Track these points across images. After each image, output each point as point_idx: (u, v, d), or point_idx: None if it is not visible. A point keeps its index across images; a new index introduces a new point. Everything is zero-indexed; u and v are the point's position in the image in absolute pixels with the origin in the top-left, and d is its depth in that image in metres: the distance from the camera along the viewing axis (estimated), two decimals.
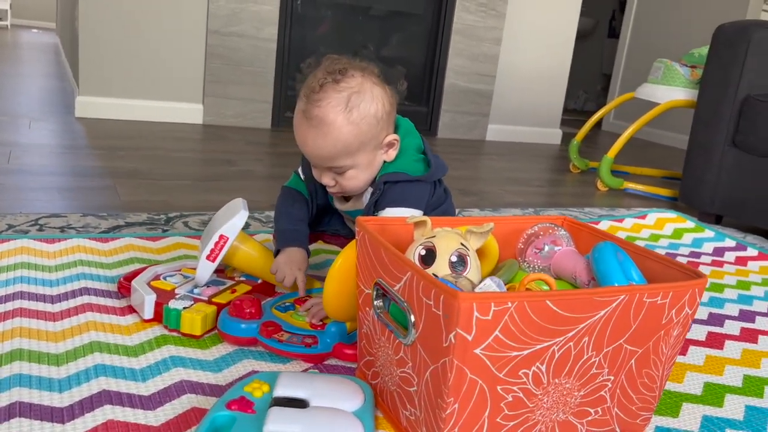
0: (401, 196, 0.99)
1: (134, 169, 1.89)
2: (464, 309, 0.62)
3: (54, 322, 0.90)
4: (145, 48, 2.66)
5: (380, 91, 0.96)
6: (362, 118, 0.93)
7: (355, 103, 0.93)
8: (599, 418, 0.77)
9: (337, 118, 0.92)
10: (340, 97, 0.92)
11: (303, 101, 0.95)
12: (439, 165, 1.04)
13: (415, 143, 1.03)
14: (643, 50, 4.45)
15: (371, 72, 0.97)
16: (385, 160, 1.01)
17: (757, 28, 1.89)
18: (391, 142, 1.00)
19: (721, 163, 1.97)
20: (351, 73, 0.94)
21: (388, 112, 0.97)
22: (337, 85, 0.93)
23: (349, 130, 0.93)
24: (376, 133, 0.96)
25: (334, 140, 0.93)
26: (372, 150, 0.98)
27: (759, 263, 1.62)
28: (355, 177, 0.99)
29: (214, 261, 0.97)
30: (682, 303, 0.75)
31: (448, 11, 3.18)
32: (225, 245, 0.97)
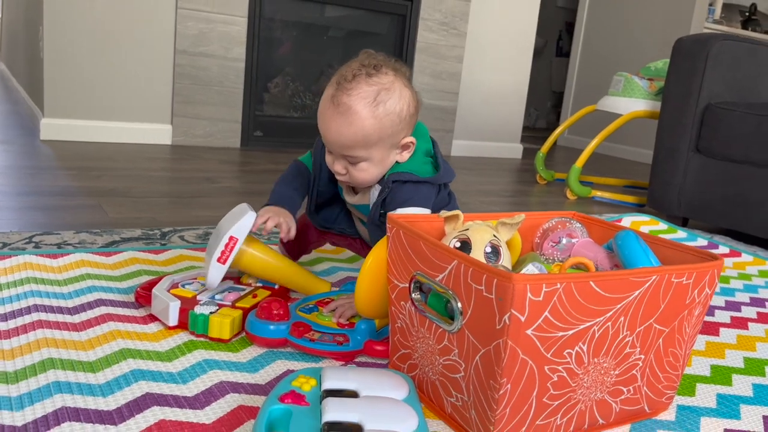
0: (409, 196, 1.01)
1: (113, 188, 1.86)
2: (518, 290, 0.65)
3: (79, 332, 0.89)
4: (111, 69, 2.63)
5: (408, 93, 0.99)
6: (386, 115, 0.96)
7: (383, 98, 0.95)
8: (631, 396, 0.80)
9: (363, 110, 0.95)
10: (370, 90, 0.95)
11: (333, 87, 0.98)
12: (447, 169, 1.07)
13: (425, 147, 1.06)
14: (592, 67, 4.63)
15: (403, 74, 1.00)
16: (398, 160, 1.03)
17: (715, 41, 2.01)
18: (407, 145, 1.02)
19: (686, 169, 2.07)
20: (384, 71, 0.97)
21: (411, 114, 1.00)
22: (370, 78, 0.96)
23: (372, 124, 0.95)
24: (396, 131, 0.98)
25: (356, 130, 0.95)
26: (388, 147, 1.00)
27: (732, 260, 1.71)
28: (366, 170, 1.00)
29: (224, 263, 0.97)
30: (703, 284, 0.79)
31: (411, 30, 3.26)
32: (235, 246, 0.97)
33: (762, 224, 1.87)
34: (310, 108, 3.23)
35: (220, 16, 2.77)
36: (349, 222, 1.18)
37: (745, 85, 2.11)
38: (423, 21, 3.25)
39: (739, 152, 1.92)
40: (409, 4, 3.22)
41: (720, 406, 0.88)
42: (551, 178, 2.91)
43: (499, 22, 3.53)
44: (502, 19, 3.54)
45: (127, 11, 2.61)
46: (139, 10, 2.63)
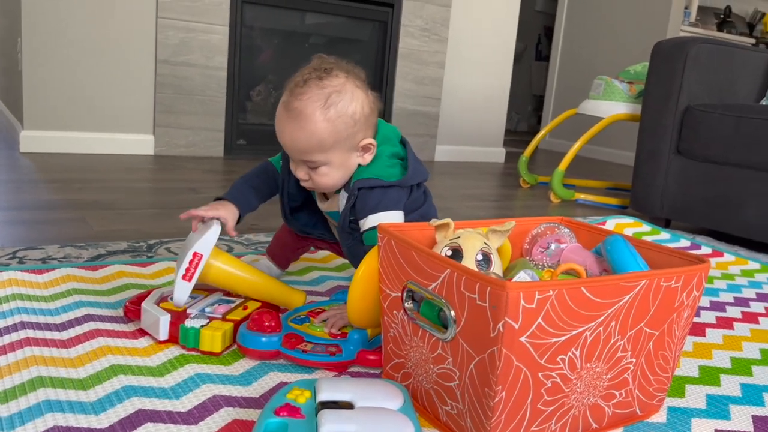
0: (378, 201, 1.00)
1: (97, 200, 1.85)
2: (512, 298, 0.65)
3: (68, 349, 0.88)
4: (92, 80, 2.61)
5: (361, 94, 0.98)
6: (338, 117, 0.95)
7: (334, 101, 0.95)
8: (623, 400, 0.81)
9: (314, 113, 0.94)
10: (320, 94, 0.95)
11: (287, 94, 0.98)
12: (417, 171, 1.05)
13: (391, 150, 1.04)
14: (572, 71, 4.68)
15: (356, 75, 1.00)
16: (360, 163, 1.02)
17: (693, 44, 2.04)
18: (367, 146, 1.01)
19: (667, 170, 2.10)
20: (336, 73, 0.97)
21: (366, 115, 0.99)
22: (321, 81, 0.95)
23: (325, 127, 0.95)
24: (351, 133, 0.98)
25: (309, 134, 0.95)
26: (347, 150, 0.99)
27: (715, 260, 1.73)
28: (327, 174, 1.00)
29: (190, 280, 0.95)
30: (691, 286, 0.80)
31: (393, 37, 3.27)
32: (200, 263, 0.96)
33: (742, 224, 1.90)
34: None
35: (201, 25, 2.76)
36: (327, 227, 1.17)
37: (723, 86, 2.15)
38: (404, 27, 3.26)
39: (719, 153, 1.95)
40: (390, 10, 3.23)
41: (710, 407, 0.90)
42: (534, 182, 2.93)
43: (480, 28, 3.56)
44: (482, 24, 3.56)
45: (107, 22, 2.59)
46: (119, 21, 2.61)
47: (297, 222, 1.17)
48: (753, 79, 2.21)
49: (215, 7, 2.77)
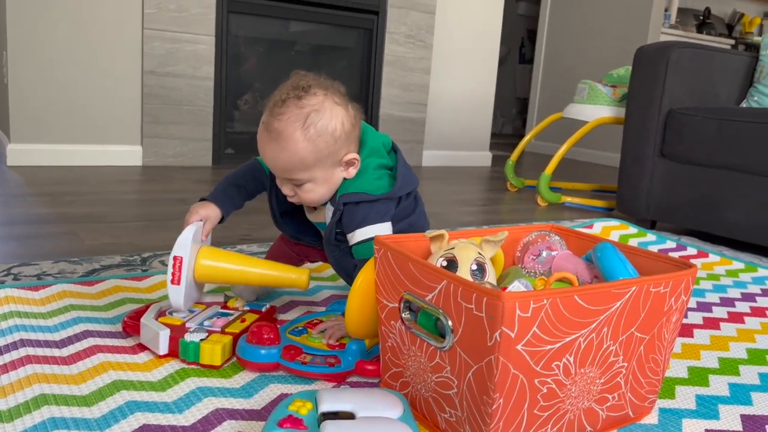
0: (364, 215, 1.01)
1: (88, 213, 1.85)
2: (508, 308, 0.67)
3: (69, 366, 0.89)
4: (79, 92, 2.60)
5: (341, 111, 0.99)
6: (318, 136, 0.96)
7: (313, 120, 0.96)
8: (616, 403, 0.83)
9: (294, 134, 0.95)
10: (299, 114, 0.96)
11: (267, 114, 0.99)
12: (406, 181, 1.05)
13: (378, 161, 1.05)
14: (556, 74, 4.73)
15: (335, 91, 1.00)
16: (345, 177, 1.03)
17: (675, 48, 2.08)
18: (351, 161, 1.02)
19: (652, 173, 2.14)
20: (314, 91, 0.97)
21: (347, 131, 1.00)
22: (299, 101, 0.96)
23: (305, 146, 0.96)
24: (333, 150, 0.99)
25: (290, 154, 0.97)
26: (330, 167, 1.00)
27: (700, 260, 1.77)
28: (312, 190, 1.02)
29: (178, 283, 0.97)
30: (679, 291, 0.83)
31: (378, 44, 3.29)
32: (182, 265, 0.97)
33: (726, 225, 1.93)
34: None
35: (187, 35, 2.76)
36: (318, 234, 1.18)
37: (705, 89, 2.19)
38: (390, 34, 3.29)
39: (702, 156, 1.99)
40: (375, 18, 3.25)
41: (699, 407, 0.92)
42: (521, 186, 2.96)
43: (464, 33, 3.59)
44: (466, 29, 3.60)
45: (92, 34, 2.59)
46: (105, 32, 2.61)
47: (287, 227, 1.18)
48: (733, 81, 2.25)
49: (201, 18, 2.78)
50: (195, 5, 2.75)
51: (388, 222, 1.03)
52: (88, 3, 2.56)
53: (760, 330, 1.26)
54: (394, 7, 3.27)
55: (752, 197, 1.87)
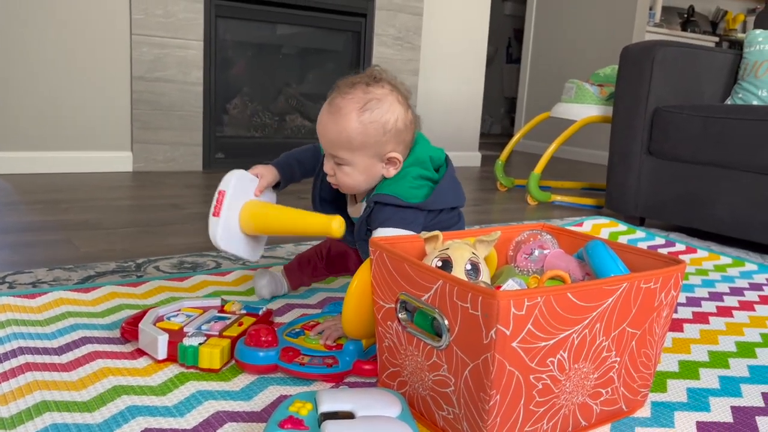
0: (388, 217, 1.03)
1: (81, 220, 1.85)
2: (503, 306, 0.69)
3: (68, 373, 0.89)
4: (68, 99, 2.60)
5: (400, 109, 1.03)
6: (371, 122, 1.01)
7: (372, 107, 1.01)
8: (609, 397, 0.85)
9: (351, 113, 1.01)
10: (362, 98, 1.02)
11: (335, 91, 1.05)
12: (443, 197, 1.07)
13: (419, 172, 1.07)
14: (543, 73, 4.76)
15: (400, 91, 1.06)
16: (384, 175, 1.06)
17: (660, 48, 2.11)
18: (393, 160, 1.05)
19: (640, 170, 2.16)
20: (383, 84, 1.04)
21: (399, 129, 1.03)
22: (367, 87, 1.03)
23: (356, 127, 1.01)
24: (380, 141, 1.02)
25: (341, 129, 1.02)
26: (372, 156, 1.04)
27: (688, 256, 1.79)
28: (350, 175, 1.05)
29: (217, 215, 1.06)
30: (669, 287, 0.85)
31: (367, 46, 3.30)
32: (223, 199, 1.06)
33: (713, 220, 1.96)
34: (270, 127, 3.24)
35: (176, 40, 2.77)
36: (351, 231, 1.19)
37: (690, 87, 2.22)
38: (378, 36, 3.30)
39: (688, 153, 2.02)
40: (363, 20, 3.26)
41: (690, 400, 0.94)
42: (511, 185, 2.98)
43: (452, 34, 3.61)
44: (454, 30, 3.62)
45: (80, 40, 2.59)
46: (92, 39, 2.61)
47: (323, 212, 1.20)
48: (717, 79, 2.28)
49: (189, 23, 2.78)
50: (183, 10, 2.76)
51: (413, 232, 1.03)
52: (75, 10, 2.56)
53: (748, 323, 1.28)
54: (382, 10, 3.29)
55: (737, 193, 1.90)
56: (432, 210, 1.06)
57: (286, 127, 3.31)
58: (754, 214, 1.87)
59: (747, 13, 5.42)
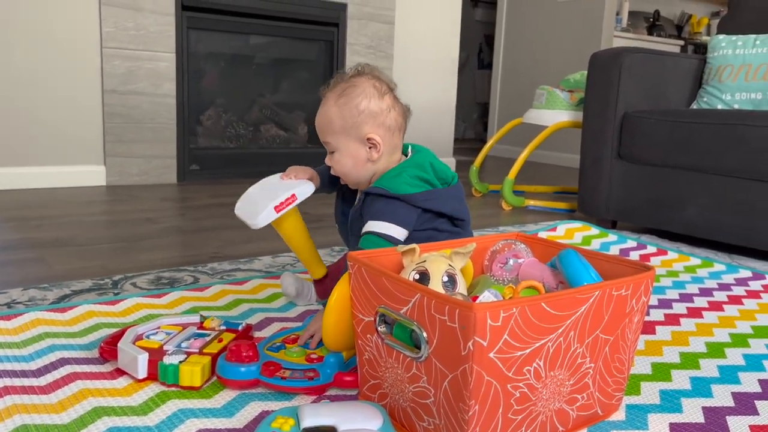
0: (382, 212, 1.07)
1: (55, 238, 1.83)
2: (479, 318, 0.70)
3: (48, 395, 0.89)
4: (38, 114, 2.57)
5: (373, 93, 1.11)
6: (346, 104, 1.10)
7: (348, 92, 1.10)
8: (585, 402, 0.87)
9: (330, 99, 1.12)
10: (341, 86, 1.12)
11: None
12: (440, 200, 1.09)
13: (418, 173, 1.09)
14: (514, 79, 4.82)
15: (379, 80, 1.13)
16: (369, 159, 1.11)
17: (627, 54, 2.16)
18: (373, 141, 1.10)
19: (611, 175, 2.21)
20: (362, 75, 1.13)
21: (373, 111, 1.10)
22: (349, 79, 1.13)
23: (335, 111, 1.11)
24: (356, 122, 1.09)
25: (323, 115, 1.13)
26: (353, 139, 1.11)
27: (659, 258, 1.84)
28: (339, 161, 1.13)
29: (279, 212, 1.13)
30: (639, 293, 0.87)
31: (340, 55, 3.32)
32: (292, 203, 1.14)
33: (683, 222, 2.01)
34: (244, 137, 3.23)
35: (147, 53, 2.75)
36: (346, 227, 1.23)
37: (657, 92, 2.27)
38: (350, 45, 3.32)
39: (657, 157, 2.06)
40: (335, 30, 3.28)
41: (663, 402, 0.97)
42: (486, 191, 3.02)
43: (424, 41, 3.65)
44: (425, 38, 3.65)
45: (50, 55, 2.56)
46: (62, 53, 2.59)
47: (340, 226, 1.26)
48: (683, 84, 2.34)
49: (160, 35, 2.77)
50: (154, 23, 2.75)
51: (403, 229, 1.06)
52: (44, 24, 2.53)
53: (717, 324, 1.32)
54: (354, 19, 3.31)
55: (705, 195, 1.95)
56: (427, 211, 1.08)
57: (261, 137, 3.31)
58: (721, 215, 1.92)
59: (711, 17, 5.55)
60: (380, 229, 1.04)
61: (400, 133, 1.15)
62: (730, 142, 1.88)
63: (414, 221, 1.07)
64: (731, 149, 1.88)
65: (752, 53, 2.19)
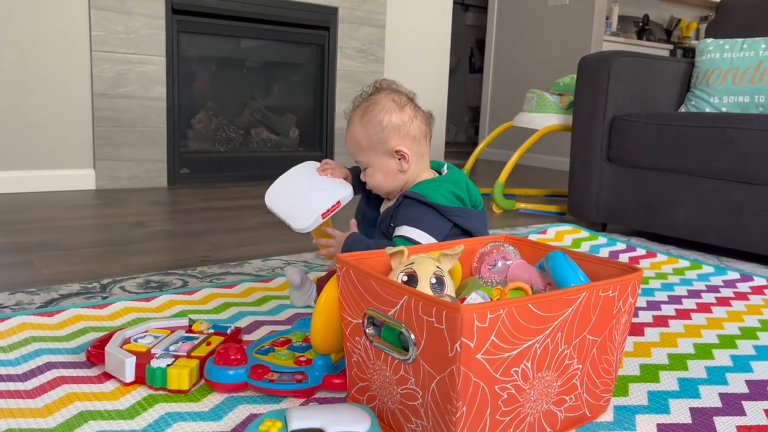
0: (417, 219, 1.10)
1: (42, 241, 1.82)
2: (467, 320, 0.70)
3: (34, 399, 0.88)
4: (27, 117, 2.56)
5: (394, 107, 1.15)
6: (369, 122, 1.15)
7: (369, 110, 1.16)
8: (573, 404, 0.87)
9: (354, 119, 1.18)
10: (363, 107, 1.17)
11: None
12: (472, 219, 1.13)
13: (454, 189, 1.14)
14: (505, 82, 4.84)
15: (398, 93, 1.17)
16: (399, 170, 1.16)
17: (615, 58, 2.17)
18: (401, 152, 1.14)
19: (600, 177, 2.22)
20: (381, 91, 1.18)
21: (395, 125, 1.14)
22: (369, 98, 1.18)
23: (360, 130, 1.16)
24: (383, 137, 1.14)
25: (351, 137, 1.18)
26: (382, 154, 1.16)
27: (649, 260, 1.84)
28: (372, 175, 1.18)
29: (324, 218, 1.18)
30: (627, 294, 0.88)
31: (331, 59, 3.32)
32: (337, 209, 1.20)
33: (671, 224, 2.02)
34: (235, 141, 3.23)
35: (137, 56, 2.75)
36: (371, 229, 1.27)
37: (645, 96, 2.29)
38: (341, 49, 3.32)
39: (645, 160, 2.08)
40: (326, 33, 3.28)
41: (651, 403, 0.97)
42: None
43: (414, 45, 3.66)
44: (416, 41, 3.66)
45: (39, 58, 2.55)
46: (51, 56, 2.58)
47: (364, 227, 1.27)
48: (671, 87, 2.36)
49: (151, 38, 2.77)
50: (144, 26, 2.74)
51: (435, 240, 1.09)
52: (33, 28, 2.52)
53: (705, 325, 1.32)
54: (345, 23, 3.31)
55: (693, 198, 1.96)
56: (455, 227, 1.12)
57: (252, 140, 3.31)
58: (709, 217, 1.93)
59: (700, 21, 5.59)
60: (413, 235, 1.08)
61: (426, 140, 1.19)
62: (718, 145, 1.89)
63: (445, 234, 1.10)
64: (719, 152, 1.89)
65: (739, 57, 2.21)
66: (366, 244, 1.11)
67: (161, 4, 2.76)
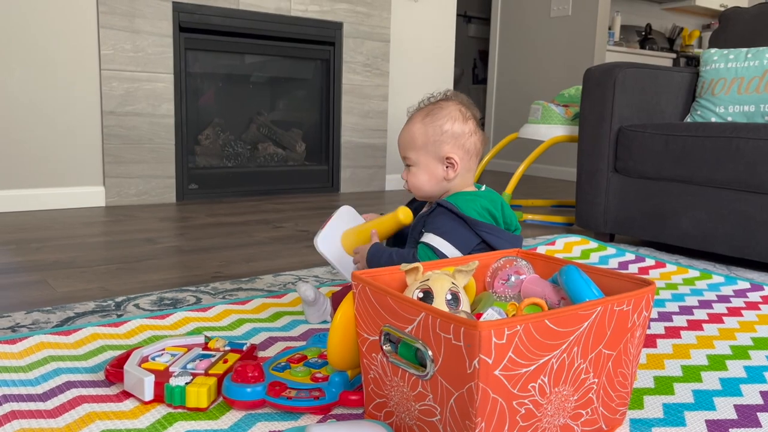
0: (445, 229, 1.12)
1: (56, 260, 1.84)
2: (484, 336, 0.71)
3: (55, 419, 0.89)
4: (37, 136, 2.59)
5: (458, 116, 1.18)
6: (431, 123, 1.18)
7: (434, 113, 1.19)
8: (589, 417, 0.88)
9: (416, 118, 1.21)
10: (428, 108, 1.21)
11: None
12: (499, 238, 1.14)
13: (488, 206, 1.16)
14: (509, 93, 4.86)
15: (464, 104, 1.21)
16: (445, 177, 1.18)
17: (620, 69, 2.19)
18: (451, 160, 1.17)
19: (607, 188, 2.23)
20: (452, 99, 1.21)
21: (455, 132, 1.17)
22: (438, 102, 1.21)
23: (419, 128, 1.19)
24: (438, 141, 1.17)
25: (407, 131, 1.21)
26: (433, 156, 1.18)
27: (658, 270, 1.85)
28: (416, 175, 1.20)
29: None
30: (641, 308, 0.89)
31: (336, 74, 3.35)
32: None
33: (679, 234, 2.03)
34: (242, 156, 3.25)
35: (145, 74, 2.78)
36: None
37: (651, 106, 2.30)
38: (347, 64, 3.35)
39: (652, 170, 2.08)
40: (331, 48, 3.31)
41: (667, 416, 0.98)
42: None
43: (418, 58, 3.68)
44: (420, 54, 3.69)
45: (49, 77, 2.58)
46: (61, 75, 2.61)
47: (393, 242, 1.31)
48: (677, 97, 2.37)
49: (158, 56, 2.80)
50: (152, 44, 2.77)
51: (459, 253, 1.11)
52: (43, 47, 2.56)
53: (718, 336, 1.33)
54: (350, 38, 3.34)
55: (701, 207, 1.97)
56: (482, 242, 1.13)
57: (259, 155, 3.33)
58: (718, 227, 1.93)
59: (702, 29, 5.61)
60: (438, 244, 1.11)
61: (476, 159, 1.22)
62: (725, 155, 1.90)
63: (471, 248, 1.12)
64: (726, 161, 1.90)
65: (744, 66, 2.22)
66: (388, 253, 1.14)
67: (168, 22, 2.80)
